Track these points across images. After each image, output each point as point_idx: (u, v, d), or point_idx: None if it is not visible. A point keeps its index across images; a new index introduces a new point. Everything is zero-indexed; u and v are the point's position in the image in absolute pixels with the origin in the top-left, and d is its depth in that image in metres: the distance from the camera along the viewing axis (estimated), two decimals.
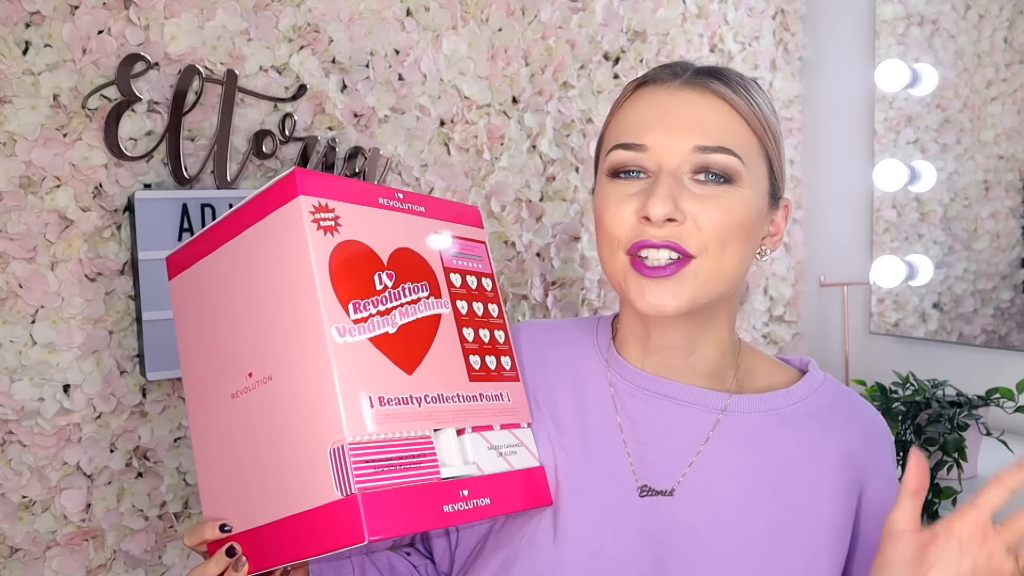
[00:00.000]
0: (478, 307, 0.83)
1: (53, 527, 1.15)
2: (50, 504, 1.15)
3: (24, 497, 1.13)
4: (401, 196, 0.81)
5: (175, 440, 1.23)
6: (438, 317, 0.79)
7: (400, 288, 0.77)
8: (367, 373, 0.72)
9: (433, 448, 0.74)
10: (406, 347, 0.75)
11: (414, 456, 0.73)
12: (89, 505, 1.17)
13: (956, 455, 1.32)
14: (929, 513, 1.32)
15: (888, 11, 1.77)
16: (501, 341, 0.85)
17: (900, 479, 0.76)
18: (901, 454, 1.35)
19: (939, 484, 1.32)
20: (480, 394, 0.80)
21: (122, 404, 1.18)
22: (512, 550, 0.83)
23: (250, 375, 0.76)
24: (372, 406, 0.71)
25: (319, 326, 0.70)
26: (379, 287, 0.75)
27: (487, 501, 0.77)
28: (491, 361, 0.83)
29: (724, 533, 0.80)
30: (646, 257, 0.78)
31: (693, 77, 0.81)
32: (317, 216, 0.73)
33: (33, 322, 1.12)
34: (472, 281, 0.84)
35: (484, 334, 0.83)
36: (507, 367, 0.84)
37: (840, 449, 0.84)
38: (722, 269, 0.79)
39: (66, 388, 1.15)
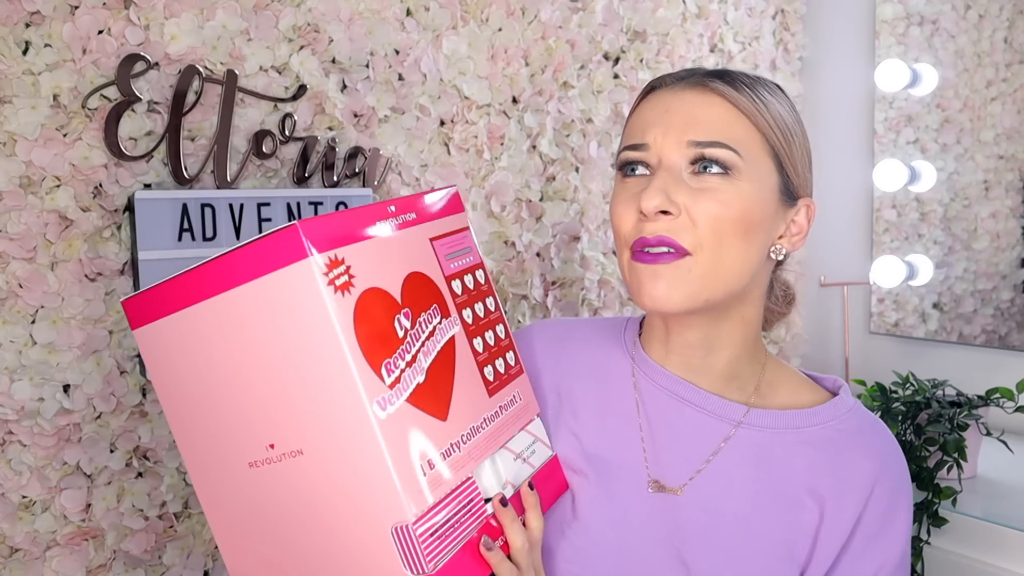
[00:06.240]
0: (479, 309, 0.81)
1: (53, 527, 1.15)
2: (50, 504, 1.15)
3: (24, 497, 1.13)
4: (393, 209, 0.74)
5: (175, 440, 1.22)
6: (452, 340, 0.76)
7: (417, 326, 0.72)
8: (413, 440, 0.68)
9: (477, 487, 0.73)
10: (436, 392, 0.72)
11: (465, 504, 0.71)
12: (89, 505, 1.17)
13: (956, 455, 1.32)
14: (929, 513, 1.32)
15: (888, 11, 1.77)
16: (503, 337, 0.83)
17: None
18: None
19: (939, 484, 1.32)
20: (500, 407, 0.79)
21: (122, 404, 1.18)
22: None
23: (272, 446, 0.70)
24: (424, 474, 0.68)
25: (358, 403, 0.65)
26: (400, 334, 0.70)
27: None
28: (500, 364, 0.81)
29: (728, 541, 0.81)
30: (645, 250, 0.80)
31: (697, 79, 0.83)
32: (331, 275, 0.66)
33: (33, 322, 1.12)
34: (469, 281, 0.81)
35: (489, 337, 0.81)
36: (512, 363, 0.83)
37: (848, 479, 0.81)
38: (719, 266, 0.79)
39: (66, 388, 1.15)
